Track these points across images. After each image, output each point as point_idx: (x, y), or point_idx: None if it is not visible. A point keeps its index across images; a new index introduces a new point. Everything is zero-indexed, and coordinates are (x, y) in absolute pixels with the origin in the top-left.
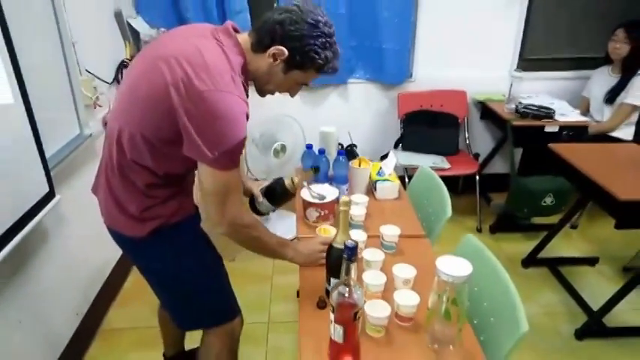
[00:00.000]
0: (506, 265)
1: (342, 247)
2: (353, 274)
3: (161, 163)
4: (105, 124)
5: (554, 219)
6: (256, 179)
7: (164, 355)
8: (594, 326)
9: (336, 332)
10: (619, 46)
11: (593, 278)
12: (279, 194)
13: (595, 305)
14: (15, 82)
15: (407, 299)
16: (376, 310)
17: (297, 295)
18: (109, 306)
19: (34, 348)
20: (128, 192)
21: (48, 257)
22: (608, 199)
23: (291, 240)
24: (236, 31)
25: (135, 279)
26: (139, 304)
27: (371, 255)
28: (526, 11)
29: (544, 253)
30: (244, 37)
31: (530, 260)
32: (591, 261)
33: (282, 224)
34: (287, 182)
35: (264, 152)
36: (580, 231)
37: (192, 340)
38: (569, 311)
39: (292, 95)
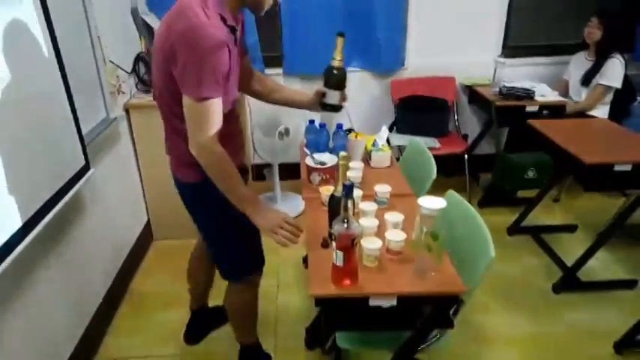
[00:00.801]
0: (493, 234)
1: (340, 195)
2: (350, 209)
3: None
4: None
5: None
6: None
7: (190, 308)
8: (569, 280)
9: (338, 257)
10: (593, 32)
11: (572, 243)
12: (335, 77)
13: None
14: (58, 69)
15: (395, 236)
16: (370, 244)
17: (303, 261)
18: (134, 272)
19: (72, 306)
20: (179, 141)
21: (83, 224)
22: (576, 164)
23: (295, 217)
24: None
25: (156, 249)
26: (161, 271)
27: (366, 206)
28: (508, 1)
29: (528, 223)
30: None
31: (515, 229)
32: (570, 228)
33: (289, 203)
34: (334, 63)
35: (268, 135)
36: (562, 204)
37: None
38: (548, 271)
39: (276, 4)
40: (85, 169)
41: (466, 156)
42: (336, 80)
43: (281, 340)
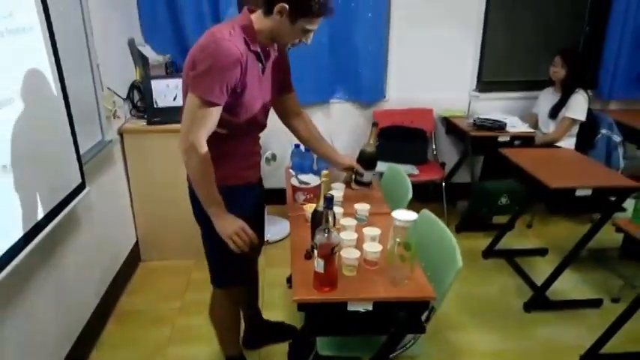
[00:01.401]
0: (469, 257)
1: (322, 210)
2: (331, 220)
3: None
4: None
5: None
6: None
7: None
8: (539, 299)
9: (319, 264)
10: (557, 70)
11: (542, 266)
12: (370, 160)
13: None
14: (61, 93)
15: (372, 248)
16: (349, 254)
17: (287, 282)
18: (122, 291)
19: (62, 320)
20: None
21: (76, 241)
22: (542, 189)
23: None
24: (253, 11)
25: (143, 269)
26: (148, 290)
27: (346, 221)
28: (481, 41)
29: (502, 247)
30: (257, 13)
31: (489, 252)
32: (541, 252)
33: (275, 227)
34: (368, 148)
35: None
36: (534, 230)
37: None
38: (521, 291)
39: (307, 42)
40: (81, 187)
41: (444, 183)
42: (371, 163)
43: (264, 353)
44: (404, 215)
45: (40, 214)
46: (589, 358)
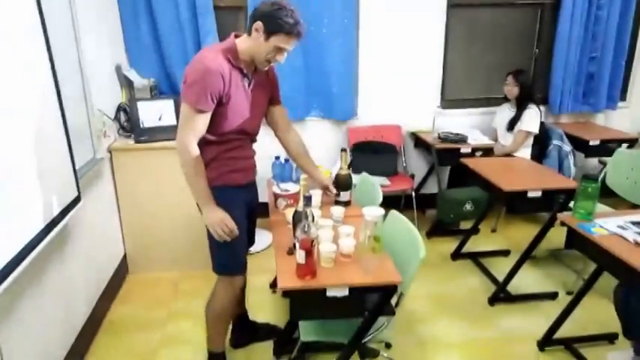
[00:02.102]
0: (439, 259)
1: (301, 210)
2: (310, 217)
3: None
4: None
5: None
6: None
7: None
8: (501, 293)
9: (300, 256)
10: (510, 88)
11: (505, 265)
12: (344, 182)
13: (507, 286)
14: (60, 112)
15: (347, 241)
16: (327, 247)
17: (270, 286)
18: (112, 301)
19: (55, 330)
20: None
21: (68, 253)
22: (498, 192)
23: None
24: (238, 36)
25: (131, 281)
26: (136, 300)
27: (323, 222)
28: (442, 63)
29: (469, 250)
30: (242, 37)
31: (457, 254)
32: (505, 253)
33: (259, 238)
34: (341, 172)
35: None
36: (498, 233)
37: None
38: (486, 288)
39: (280, 60)
40: (76, 200)
41: (413, 193)
42: (345, 185)
43: (250, 351)
44: (373, 211)
45: (40, 225)
46: (544, 343)
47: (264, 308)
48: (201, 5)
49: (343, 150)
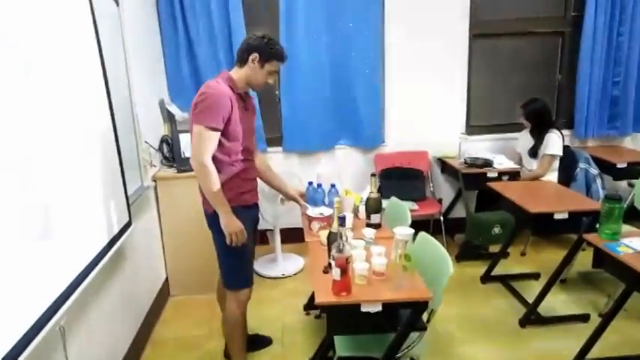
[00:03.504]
0: (469, 282)
1: (336, 231)
2: (344, 237)
3: None
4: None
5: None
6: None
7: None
8: (532, 315)
9: (336, 273)
10: (524, 122)
11: (536, 288)
12: (374, 205)
13: (538, 308)
14: (115, 147)
15: (379, 260)
16: (360, 265)
17: (304, 309)
18: (155, 321)
19: (108, 348)
20: None
21: (121, 273)
22: (525, 215)
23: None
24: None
25: (172, 303)
26: (178, 321)
27: (356, 242)
28: (466, 91)
29: (498, 273)
30: (234, 69)
31: (487, 277)
32: (535, 276)
33: (290, 263)
34: (371, 195)
35: (271, 201)
36: (527, 257)
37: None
38: (517, 311)
39: (271, 82)
40: (128, 224)
41: (442, 218)
42: (375, 208)
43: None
44: (403, 230)
45: (103, 243)
46: None
47: (300, 329)
48: (237, 42)
49: (373, 175)
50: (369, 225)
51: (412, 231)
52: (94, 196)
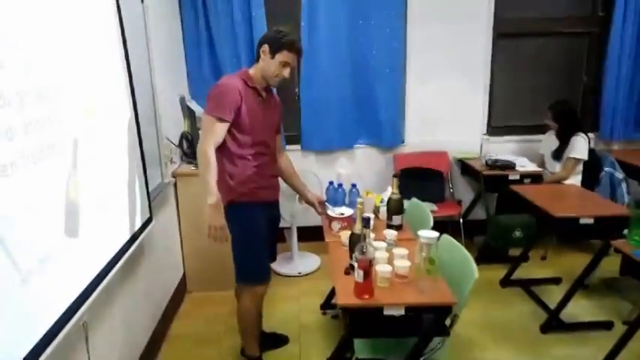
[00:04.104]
0: (488, 286)
1: (359, 232)
2: (368, 238)
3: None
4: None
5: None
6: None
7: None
8: (554, 321)
9: (359, 275)
10: (551, 123)
11: (557, 293)
12: (396, 206)
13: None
14: (138, 144)
15: (402, 263)
16: (383, 268)
17: (321, 308)
18: (173, 316)
19: (128, 341)
20: (219, 171)
21: (141, 268)
22: (549, 219)
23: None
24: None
25: (190, 299)
26: (196, 316)
27: (378, 244)
28: (489, 91)
29: (518, 277)
30: (254, 65)
31: (506, 281)
32: (556, 280)
33: (306, 261)
34: (393, 196)
35: (289, 199)
36: (548, 261)
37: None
38: (538, 316)
39: (285, 75)
40: (149, 220)
41: (461, 220)
42: (397, 209)
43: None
44: (428, 234)
45: (127, 236)
46: None
47: (316, 329)
48: (258, 38)
49: (395, 175)
50: (389, 226)
51: (437, 234)
52: (118, 192)
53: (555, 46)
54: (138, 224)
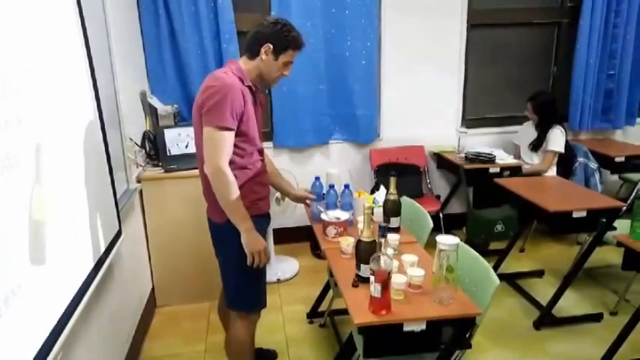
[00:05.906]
0: None
1: (367, 240)
2: (384, 248)
3: None
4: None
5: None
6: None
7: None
8: (547, 317)
9: (376, 289)
10: (530, 115)
11: (541, 285)
12: (393, 207)
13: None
14: (104, 148)
15: (416, 272)
16: (398, 279)
17: (307, 317)
18: (144, 337)
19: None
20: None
21: (109, 289)
22: (542, 213)
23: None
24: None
25: (160, 315)
26: (169, 335)
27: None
28: (463, 83)
29: (501, 271)
30: (243, 59)
31: None
32: (538, 273)
33: (285, 266)
34: (390, 197)
35: None
36: (527, 253)
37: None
38: (527, 310)
39: (287, 74)
40: (118, 234)
41: (441, 214)
42: (394, 211)
43: None
44: (448, 240)
45: (92, 264)
46: None
47: (305, 340)
48: (225, 31)
49: (392, 175)
50: (386, 229)
51: (457, 240)
52: (85, 206)
53: (526, 38)
54: (108, 240)
